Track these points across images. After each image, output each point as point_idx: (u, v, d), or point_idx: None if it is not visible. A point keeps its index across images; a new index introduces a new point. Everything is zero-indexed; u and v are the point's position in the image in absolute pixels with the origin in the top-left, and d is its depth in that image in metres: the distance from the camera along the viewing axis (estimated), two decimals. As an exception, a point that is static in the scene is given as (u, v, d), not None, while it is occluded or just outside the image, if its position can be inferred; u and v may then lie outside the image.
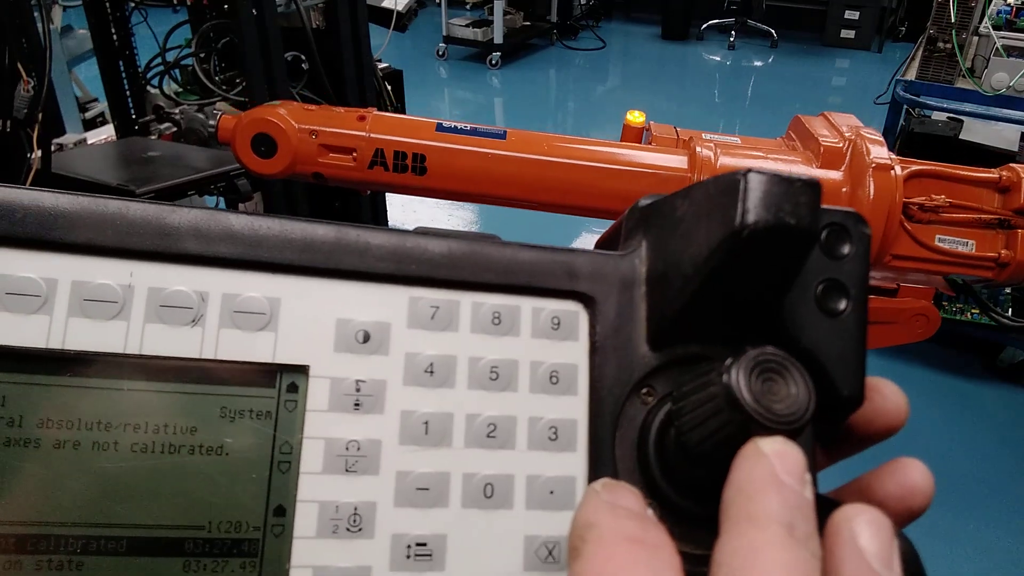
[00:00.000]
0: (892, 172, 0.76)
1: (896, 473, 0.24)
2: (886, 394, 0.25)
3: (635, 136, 0.89)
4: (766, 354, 0.20)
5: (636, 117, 0.89)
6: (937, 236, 0.78)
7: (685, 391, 0.22)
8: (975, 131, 2.58)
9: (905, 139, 2.56)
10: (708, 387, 0.21)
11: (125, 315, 0.21)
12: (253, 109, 0.86)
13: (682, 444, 0.22)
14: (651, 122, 0.90)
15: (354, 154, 0.83)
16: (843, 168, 0.79)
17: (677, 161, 0.81)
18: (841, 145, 0.79)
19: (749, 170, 0.21)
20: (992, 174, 0.78)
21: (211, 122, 0.99)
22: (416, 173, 0.82)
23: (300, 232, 0.23)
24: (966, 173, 0.79)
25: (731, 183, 0.21)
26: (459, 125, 0.84)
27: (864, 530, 0.19)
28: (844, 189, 0.78)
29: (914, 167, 0.78)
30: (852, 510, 0.19)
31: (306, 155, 0.84)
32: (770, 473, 0.19)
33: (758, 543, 0.18)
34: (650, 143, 0.87)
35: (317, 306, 0.23)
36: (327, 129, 0.83)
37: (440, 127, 0.83)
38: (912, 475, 0.24)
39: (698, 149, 0.80)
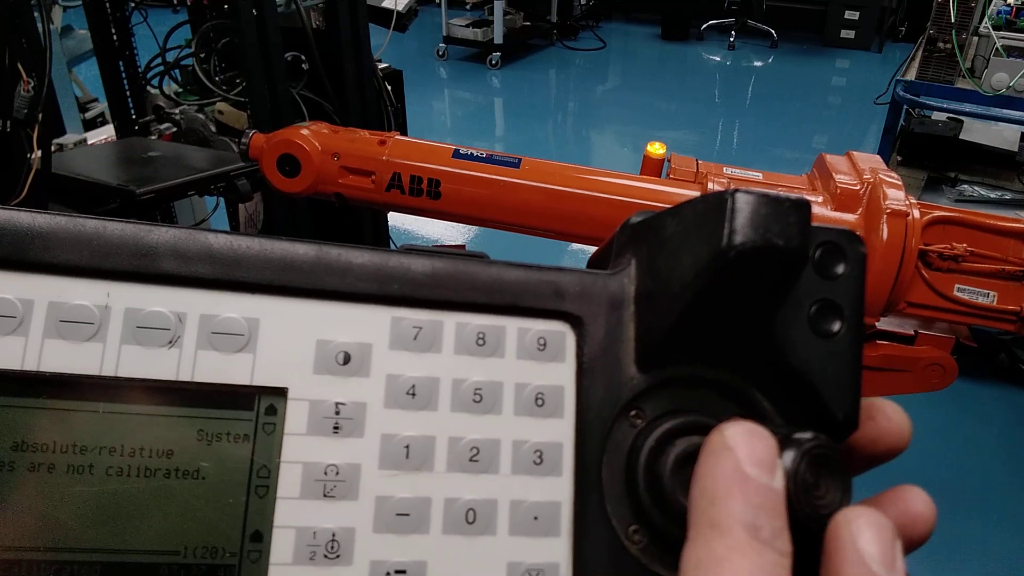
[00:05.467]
0: (908, 218, 0.75)
1: (898, 501, 0.23)
2: (890, 415, 0.24)
3: (655, 168, 0.89)
4: (821, 447, 0.20)
5: (656, 149, 0.89)
6: (956, 285, 0.76)
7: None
8: (975, 131, 2.58)
9: (905, 139, 2.56)
10: None
11: (101, 337, 0.21)
12: (281, 130, 0.89)
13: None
14: (672, 153, 0.89)
15: (373, 177, 0.86)
16: (859, 211, 0.78)
17: (688, 196, 0.81)
18: (858, 188, 0.78)
19: (737, 190, 0.21)
20: (1019, 224, 0.77)
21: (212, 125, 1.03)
22: (431, 197, 0.84)
23: (280, 251, 0.22)
24: (991, 222, 0.77)
25: (719, 202, 0.21)
26: (475, 152, 0.85)
27: (864, 532, 0.18)
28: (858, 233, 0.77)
29: (936, 213, 0.76)
30: (852, 512, 0.19)
31: (328, 176, 0.87)
32: (734, 469, 0.18)
33: (721, 551, 0.17)
34: (670, 175, 0.87)
35: (296, 327, 0.22)
36: (348, 152, 0.86)
37: (457, 153, 0.85)
38: (915, 503, 0.23)
39: (710, 185, 0.80)
